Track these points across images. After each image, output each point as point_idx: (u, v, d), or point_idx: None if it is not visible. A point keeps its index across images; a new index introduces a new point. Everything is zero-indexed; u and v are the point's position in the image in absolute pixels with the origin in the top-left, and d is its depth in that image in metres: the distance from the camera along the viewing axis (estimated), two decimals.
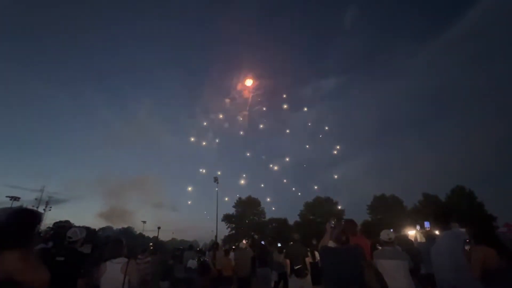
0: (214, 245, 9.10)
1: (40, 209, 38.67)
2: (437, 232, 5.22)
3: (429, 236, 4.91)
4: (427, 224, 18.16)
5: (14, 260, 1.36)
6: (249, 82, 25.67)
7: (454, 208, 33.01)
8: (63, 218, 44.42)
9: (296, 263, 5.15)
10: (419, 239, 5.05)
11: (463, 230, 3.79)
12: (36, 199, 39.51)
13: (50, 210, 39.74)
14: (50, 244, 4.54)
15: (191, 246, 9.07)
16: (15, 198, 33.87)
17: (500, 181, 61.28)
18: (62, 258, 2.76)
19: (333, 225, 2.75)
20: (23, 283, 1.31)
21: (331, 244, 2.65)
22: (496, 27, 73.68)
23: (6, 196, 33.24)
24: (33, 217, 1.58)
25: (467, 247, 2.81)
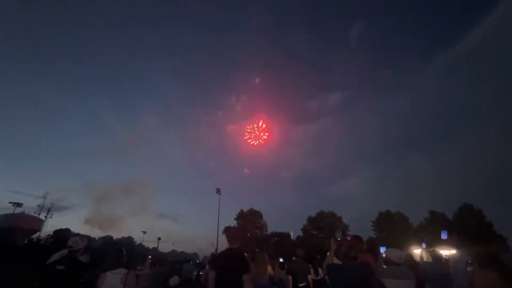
0: None
1: (42, 216, 38.53)
2: (445, 252, 5.05)
3: (435, 256, 4.75)
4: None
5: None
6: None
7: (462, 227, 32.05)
8: (64, 226, 44.20)
9: (298, 280, 5.00)
10: (425, 259, 4.87)
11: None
12: (38, 205, 39.52)
13: (51, 217, 39.64)
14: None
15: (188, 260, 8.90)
16: (18, 204, 33.96)
17: (510, 200, 59.33)
18: (62, 267, 2.74)
19: (339, 239, 2.69)
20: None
21: (336, 260, 2.59)
22: (501, 44, 74.18)
23: (9, 202, 33.39)
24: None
25: (469, 269, 2.69)
